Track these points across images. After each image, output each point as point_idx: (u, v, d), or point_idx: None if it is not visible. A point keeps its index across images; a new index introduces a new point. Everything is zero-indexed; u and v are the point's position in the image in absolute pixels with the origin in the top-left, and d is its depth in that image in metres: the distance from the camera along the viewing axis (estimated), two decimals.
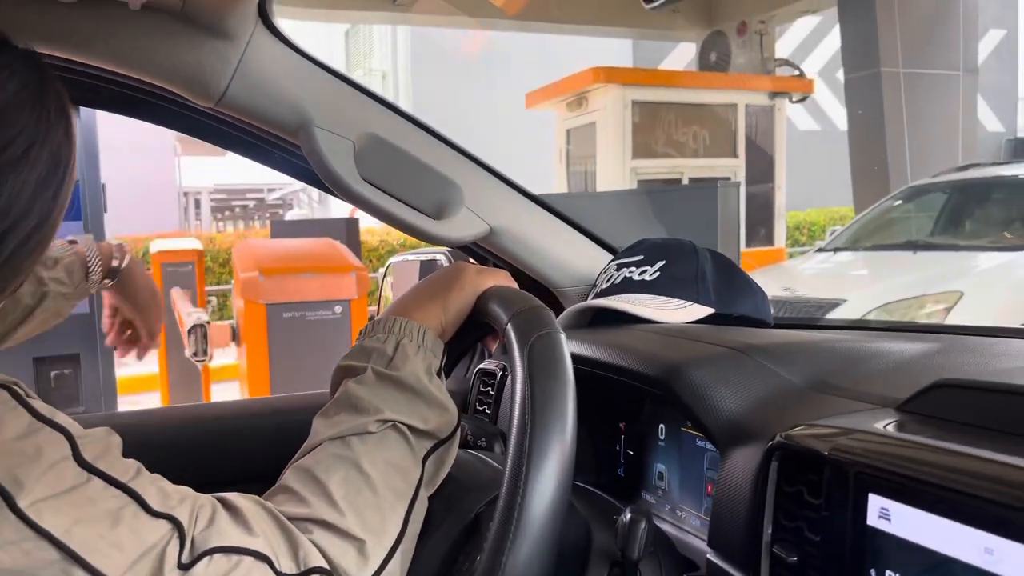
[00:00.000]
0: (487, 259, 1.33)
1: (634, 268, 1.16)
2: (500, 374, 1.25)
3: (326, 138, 1.07)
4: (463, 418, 1.04)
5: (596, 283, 1.22)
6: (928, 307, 4.63)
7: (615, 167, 7.31)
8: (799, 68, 8.03)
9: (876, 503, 0.56)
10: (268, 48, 1.03)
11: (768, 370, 0.81)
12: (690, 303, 1.12)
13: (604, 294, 1.17)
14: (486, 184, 1.21)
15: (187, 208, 22.68)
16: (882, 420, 0.64)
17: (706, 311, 1.11)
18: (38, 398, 0.58)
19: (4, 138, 0.56)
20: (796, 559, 0.62)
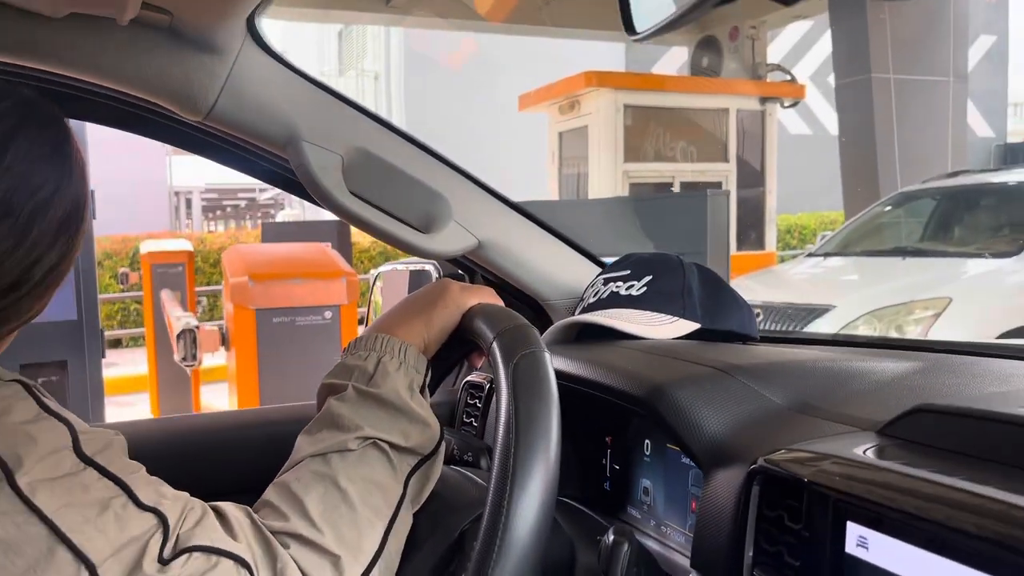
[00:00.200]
0: (476, 272, 1.33)
1: (621, 283, 1.17)
2: (488, 387, 1.25)
3: (314, 152, 1.07)
4: (449, 432, 1.05)
5: (584, 297, 1.22)
6: (917, 313, 4.65)
7: (607, 171, 7.33)
8: (791, 73, 8.06)
9: (854, 531, 0.56)
10: (257, 62, 1.03)
11: (751, 391, 0.81)
12: (676, 318, 1.12)
13: (591, 308, 1.17)
14: (475, 197, 1.22)
15: (178, 207, 22.58)
16: (862, 445, 0.65)
17: (692, 326, 1.12)
18: (52, 398, 0.63)
19: (34, 185, 0.63)
20: None
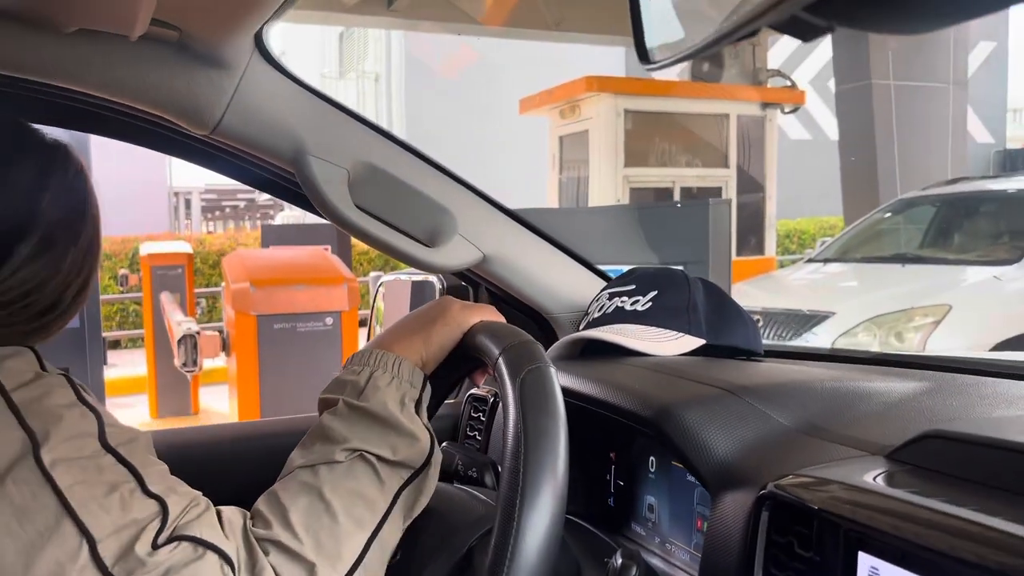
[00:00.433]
0: (480, 285, 1.33)
1: (626, 297, 1.17)
2: (492, 400, 1.25)
3: (321, 167, 1.07)
4: (453, 447, 1.05)
5: (588, 311, 1.22)
6: (917, 320, 4.66)
7: (607, 175, 7.32)
8: (791, 79, 8.06)
9: (866, 562, 0.56)
10: (264, 77, 1.03)
11: (758, 412, 0.81)
12: (681, 334, 1.12)
13: (596, 323, 1.17)
14: (479, 211, 1.22)
15: (177, 208, 22.56)
16: (871, 471, 0.65)
17: (697, 342, 1.12)
18: (92, 393, 0.68)
19: (66, 221, 0.73)
20: None
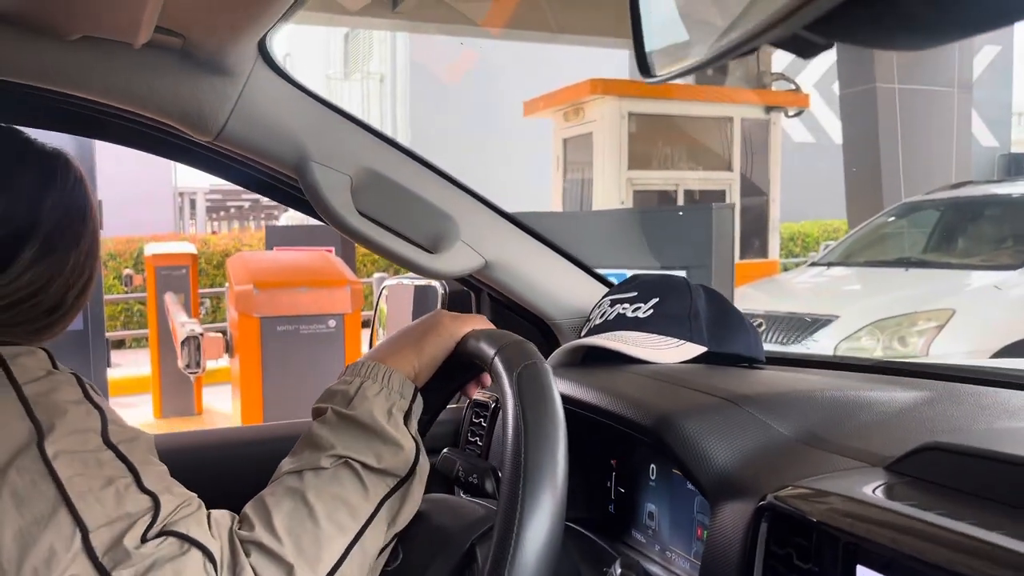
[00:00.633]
0: (482, 291, 1.33)
1: (628, 304, 1.17)
2: (493, 406, 1.25)
3: (323, 173, 1.08)
4: (454, 453, 1.05)
5: (590, 318, 1.22)
6: (920, 324, 4.65)
7: (611, 177, 7.32)
8: (795, 83, 8.05)
9: (865, 575, 0.56)
10: (267, 84, 1.04)
11: (759, 421, 0.81)
12: (683, 342, 1.12)
13: (597, 330, 1.17)
14: (481, 217, 1.22)
15: (182, 208, 22.59)
16: (871, 483, 0.65)
17: (699, 350, 1.12)
18: (100, 393, 0.70)
19: (66, 225, 0.76)
20: None
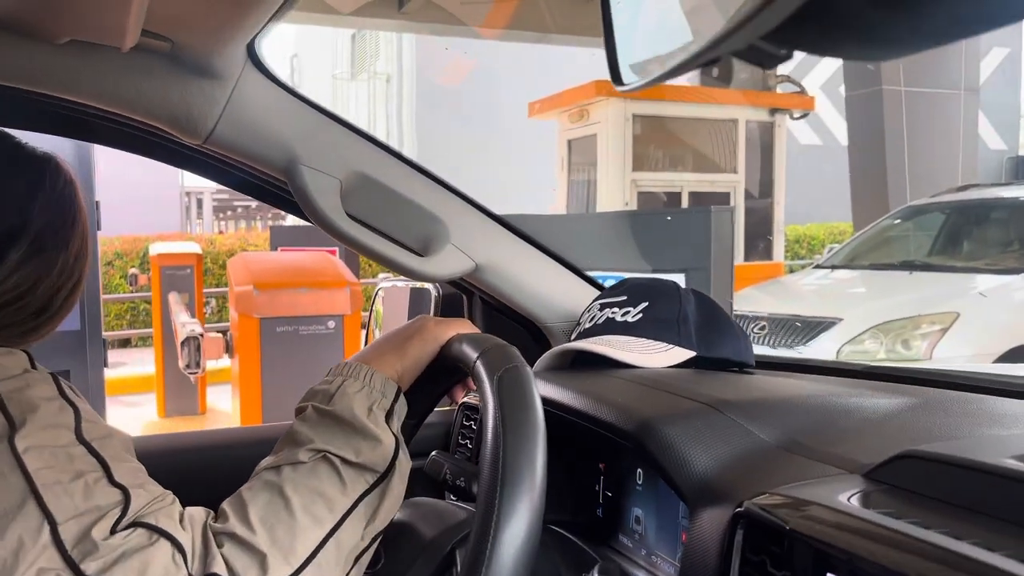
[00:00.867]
0: (474, 294, 1.33)
1: (617, 308, 1.17)
2: None
3: (313, 176, 1.08)
4: (442, 456, 1.05)
5: (580, 322, 1.22)
6: (924, 327, 4.64)
7: (615, 179, 7.32)
8: (800, 85, 8.03)
9: None
10: (257, 87, 1.04)
11: (740, 427, 0.81)
12: (671, 346, 1.12)
13: (587, 334, 1.17)
14: (472, 220, 1.22)
15: (189, 208, 22.66)
16: (847, 491, 0.65)
17: (687, 354, 1.12)
18: (76, 391, 0.71)
19: (55, 226, 0.76)
20: None
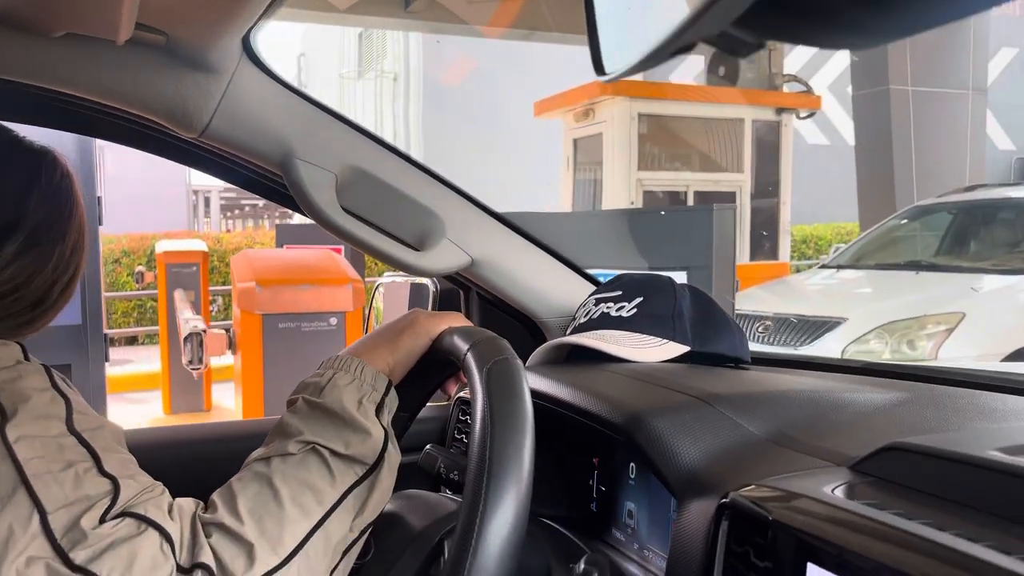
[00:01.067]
0: (471, 289, 1.34)
1: (612, 303, 1.17)
2: None
3: (308, 170, 1.08)
4: (436, 450, 1.05)
5: (575, 317, 1.22)
6: (929, 327, 4.62)
7: (621, 178, 7.31)
8: (807, 84, 8.00)
9: (814, 573, 0.56)
10: (252, 81, 1.04)
11: (729, 421, 0.81)
12: (665, 341, 1.12)
13: (582, 328, 1.18)
14: (468, 215, 1.22)
15: (196, 206, 22.72)
16: (832, 482, 0.65)
17: (681, 349, 1.12)
18: (69, 383, 0.71)
19: (51, 219, 0.76)
20: None
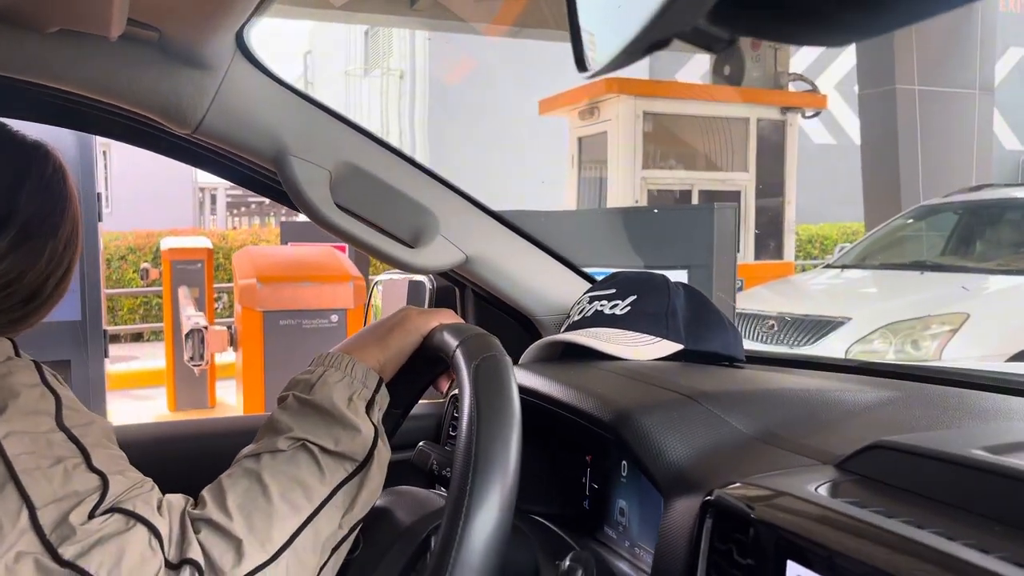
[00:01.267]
0: (467, 286, 1.34)
1: (606, 301, 1.17)
2: None
3: (302, 167, 1.08)
4: (429, 446, 1.05)
5: (569, 314, 1.22)
6: (933, 328, 4.61)
7: (625, 177, 7.30)
8: (813, 83, 7.98)
9: (794, 570, 0.56)
10: (246, 77, 1.05)
11: (717, 418, 0.81)
12: (659, 339, 1.12)
13: (576, 326, 1.18)
14: (462, 212, 1.22)
15: (203, 203, 22.77)
16: (817, 481, 0.64)
17: (674, 347, 1.12)
18: (59, 379, 0.71)
19: (45, 212, 0.76)
20: None
